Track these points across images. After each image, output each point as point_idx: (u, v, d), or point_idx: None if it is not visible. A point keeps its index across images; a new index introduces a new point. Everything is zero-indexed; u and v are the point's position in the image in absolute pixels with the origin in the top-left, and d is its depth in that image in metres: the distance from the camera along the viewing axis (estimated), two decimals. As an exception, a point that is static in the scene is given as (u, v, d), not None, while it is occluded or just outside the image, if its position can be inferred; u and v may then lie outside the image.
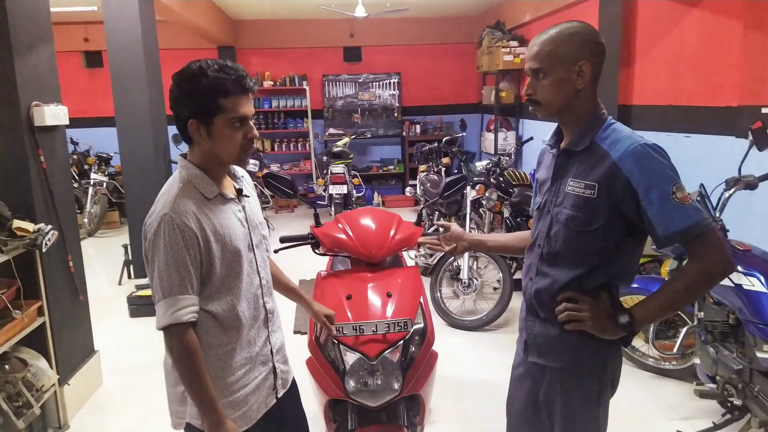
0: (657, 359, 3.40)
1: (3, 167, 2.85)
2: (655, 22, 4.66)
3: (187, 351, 1.50)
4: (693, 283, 1.45)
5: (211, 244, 1.53)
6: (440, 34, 9.22)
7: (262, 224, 1.75)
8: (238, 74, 1.51)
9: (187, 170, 1.58)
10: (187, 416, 1.63)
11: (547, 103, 1.56)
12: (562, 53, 1.50)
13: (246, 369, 1.66)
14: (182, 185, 1.55)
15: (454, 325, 4.27)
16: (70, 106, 3.41)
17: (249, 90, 1.54)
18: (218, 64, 1.50)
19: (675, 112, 4.38)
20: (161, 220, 1.49)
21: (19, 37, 2.84)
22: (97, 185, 7.38)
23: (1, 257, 2.55)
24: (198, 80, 1.48)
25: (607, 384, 1.65)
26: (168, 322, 1.48)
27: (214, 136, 1.53)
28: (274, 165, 9.15)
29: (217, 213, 1.57)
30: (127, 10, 4.92)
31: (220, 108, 1.50)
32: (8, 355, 2.68)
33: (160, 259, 1.49)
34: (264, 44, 9.10)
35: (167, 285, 1.49)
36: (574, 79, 1.51)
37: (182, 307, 1.49)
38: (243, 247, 1.62)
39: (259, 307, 1.70)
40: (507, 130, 7.80)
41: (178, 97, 1.52)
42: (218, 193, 1.58)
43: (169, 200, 1.51)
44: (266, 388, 1.73)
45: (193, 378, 1.51)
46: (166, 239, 1.47)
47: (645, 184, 1.42)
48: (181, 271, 1.48)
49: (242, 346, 1.64)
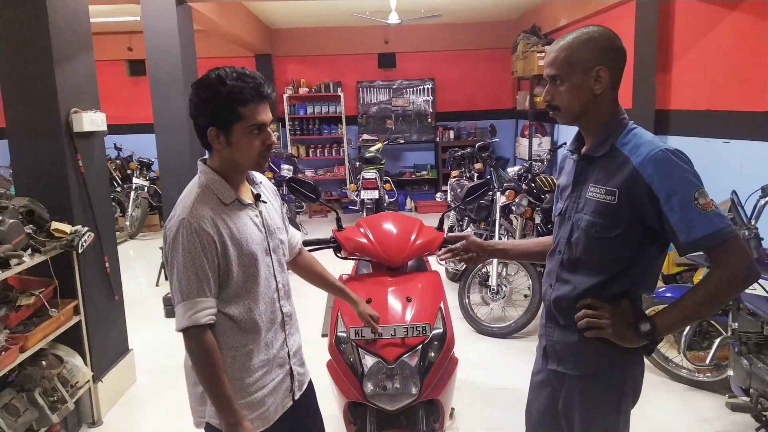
0: (691, 371, 3.30)
1: (43, 171, 2.98)
2: (692, 25, 4.54)
3: (205, 352, 1.54)
4: (716, 291, 1.41)
5: (228, 248, 1.56)
6: (474, 40, 9.18)
7: (279, 229, 1.78)
8: (256, 82, 1.53)
9: (205, 175, 1.61)
10: (206, 416, 1.67)
11: (565, 108, 1.55)
12: (578, 59, 1.49)
13: (264, 371, 1.69)
14: (200, 190, 1.59)
15: (482, 331, 4.24)
16: (114, 113, 3.55)
17: (267, 97, 1.57)
18: (236, 72, 1.53)
19: (713, 117, 4.25)
20: (180, 225, 1.53)
21: (60, 46, 2.97)
22: (138, 189, 7.62)
23: (39, 257, 2.67)
24: (217, 89, 1.51)
25: (627, 393, 1.61)
26: (187, 324, 1.53)
27: (232, 144, 1.56)
28: (309, 170, 9.26)
29: (234, 218, 1.60)
30: (165, 21, 5.08)
31: (238, 116, 1.52)
32: (45, 351, 2.79)
33: (179, 262, 1.53)
34: (300, 52, 9.24)
35: (186, 288, 1.53)
36: (592, 84, 1.49)
37: (200, 309, 1.53)
38: (259, 252, 1.65)
39: (276, 311, 1.73)
40: (542, 136, 7.71)
41: (198, 105, 1.55)
42: (235, 198, 1.62)
43: (187, 205, 1.55)
44: (283, 390, 1.76)
45: (211, 378, 1.55)
46: (185, 243, 1.52)
47: (666, 190, 1.40)
48: (199, 275, 1.52)
49: (260, 348, 1.67)
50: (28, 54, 2.89)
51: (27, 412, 2.52)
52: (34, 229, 2.74)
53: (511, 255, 2.07)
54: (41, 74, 2.91)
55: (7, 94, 2.94)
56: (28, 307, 2.66)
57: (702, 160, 4.33)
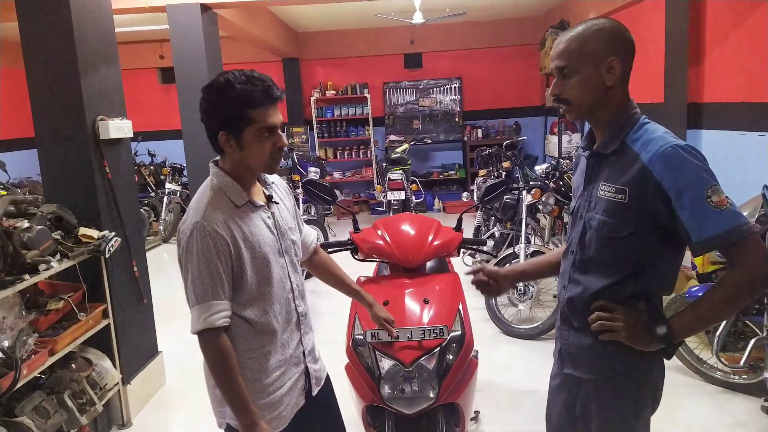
0: (726, 373, 3.18)
1: (70, 178, 3.06)
2: (724, 15, 4.39)
3: (220, 355, 1.55)
4: (734, 292, 1.34)
5: (241, 251, 1.57)
6: (501, 37, 9.08)
7: (291, 230, 1.78)
8: (265, 85, 1.53)
9: (218, 178, 1.62)
10: (226, 417, 1.69)
11: (575, 102, 1.49)
12: (589, 50, 1.43)
13: (281, 371, 1.70)
14: (213, 193, 1.59)
15: (509, 333, 4.17)
16: (148, 120, 3.62)
17: (277, 99, 1.57)
18: (245, 76, 1.53)
19: (747, 109, 4.09)
20: (193, 228, 1.54)
21: (85, 55, 3.04)
22: (171, 194, 7.79)
23: (67, 262, 2.73)
24: (226, 93, 1.51)
25: (645, 398, 1.55)
26: (201, 327, 1.54)
27: (244, 147, 1.56)
28: (337, 173, 9.30)
29: (247, 220, 1.61)
30: (191, 28, 5.18)
31: (248, 119, 1.52)
32: (74, 354, 2.86)
33: (193, 265, 1.54)
34: (327, 54, 9.29)
35: (200, 291, 1.54)
36: (604, 75, 1.44)
37: (215, 312, 1.54)
38: (272, 254, 1.65)
39: (291, 311, 1.74)
40: (572, 133, 7.57)
41: (208, 110, 1.56)
42: (248, 200, 1.62)
43: (200, 208, 1.57)
44: (298, 388, 1.78)
45: (227, 380, 1.56)
46: (199, 246, 1.52)
47: (677, 188, 1.34)
48: (213, 277, 1.53)
49: (276, 348, 1.69)
50: (54, 63, 2.98)
51: (56, 414, 2.59)
52: (62, 235, 2.81)
53: (533, 273, 1.99)
54: (68, 83, 2.99)
55: (36, 103, 3.02)
56: (57, 311, 2.73)
57: (736, 154, 4.20)
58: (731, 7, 4.28)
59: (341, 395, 2.04)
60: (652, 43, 5.20)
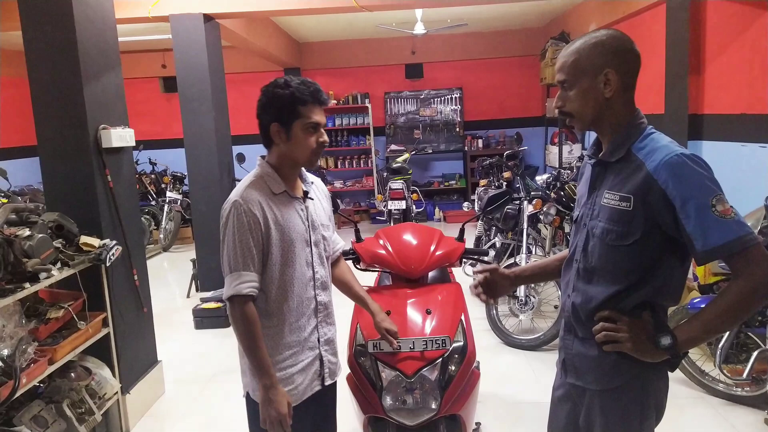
0: (729, 385, 3.16)
1: (72, 186, 3.06)
2: (725, 26, 4.41)
3: (246, 320, 1.73)
4: (737, 303, 1.33)
5: (271, 231, 1.77)
6: (502, 48, 9.12)
7: (324, 226, 1.95)
8: (316, 88, 1.78)
9: (261, 168, 1.85)
10: (246, 386, 1.88)
11: (577, 114, 1.51)
12: (585, 63, 1.46)
13: (294, 350, 1.85)
14: (254, 179, 1.82)
15: (510, 344, 4.15)
16: (149, 129, 3.63)
17: (323, 102, 1.80)
18: (300, 80, 1.78)
19: (749, 120, 4.10)
20: (232, 206, 1.75)
21: (88, 64, 3.05)
22: (171, 203, 7.78)
23: (67, 271, 2.73)
24: (282, 90, 1.75)
25: (650, 410, 1.53)
26: (231, 293, 1.73)
27: (291, 138, 1.78)
28: (338, 182, 9.31)
29: (281, 206, 1.81)
30: (194, 38, 5.20)
31: (298, 114, 1.75)
32: (74, 363, 2.85)
33: (228, 239, 1.74)
34: (328, 64, 9.34)
35: (233, 262, 1.74)
36: (601, 88, 1.45)
37: (244, 281, 1.73)
38: (299, 241, 1.83)
39: (311, 298, 1.89)
40: (572, 143, 7.58)
41: (265, 104, 1.78)
42: (284, 190, 1.82)
43: (240, 189, 1.79)
44: (312, 372, 1.90)
45: (251, 344, 1.73)
46: (234, 222, 1.73)
47: (681, 197, 1.34)
48: (244, 251, 1.73)
49: (291, 329, 1.84)
50: (57, 73, 2.99)
51: (55, 423, 2.57)
52: (63, 243, 2.81)
53: (533, 275, 1.98)
54: (70, 92, 3.00)
55: (38, 112, 3.03)
56: (57, 320, 2.72)
57: (737, 166, 4.20)
58: (732, 19, 4.30)
59: (342, 406, 2.02)
60: (653, 54, 5.22)
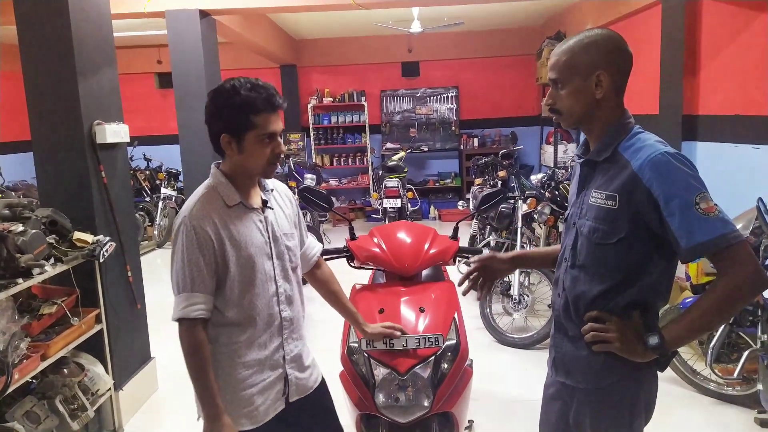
0: (719, 384, 3.18)
1: (66, 182, 3.05)
2: (720, 27, 4.43)
3: (193, 345, 1.62)
4: (722, 300, 1.34)
5: (225, 248, 1.63)
6: (499, 47, 9.13)
7: (288, 236, 1.81)
8: (269, 93, 1.61)
9: (214, 178, 1.70)
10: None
11: (566, 112, 1.52)
12: (578, 63, 1.47)
13: (254, 370, 1.73)
14: (206, 191, 1.68)
15: (504, 342, 4.17)
16: (144, 125, 3.62)
17: (278, 107, 1.64)
18: (250, 83, 1.60)
19: (742, 122, 4.12)
20: (181, 223, 1.63)
21: (83, 60, 3.04)
22: (166, 199, 7.77)
23: (61, 267, 2.72)
24: (231, 98, 1.59)
25: (639, 409, 1.55)
26: (178, 316, 1.62)
27: (244, 150, 1.62)
28: (333, 179, 9.30)
29: (236, 220, 1.67)
30: (190, 33, 5.18)
31: (251, 124, 1.59)
32: (67, 359, 2.84)
33: (178, 257, 1.63)
34: (324, 62, 9.33)
35: (182, 282, 1.62)
36: (593, 88, 1.46)
37: (192, 304, 1.61)
38: (259, 255, 1.70)
39: (274, 314, 1.76)
40: (567, 143, 7.60)
41: (213, 113, 1.63)
42: (239, 201, 1.68)
43: (190, 205, 1.66)
44: (274, 392, 1.79)
45: (196, 370, 1.63)
46: (183, 240, 1.61)
47: (665, 194, 1.35)
48: (194, 271, 1.61)
49: (251, 347, 1.72)
50: (52, 67, 2.97)
51: (47, 419, 2.57)
52: (56, 239, 2.80)
53: (532, 259, 2.02)
54: (65, 87, 2.99)
55: (33, 107, 3.02)
56: (50, 316, 2.71)
57: (731, 167, 4.22)
58: (727, 20, 4.32)
59: (335, 403, 2.02)
60: (648, 54, 5.23)
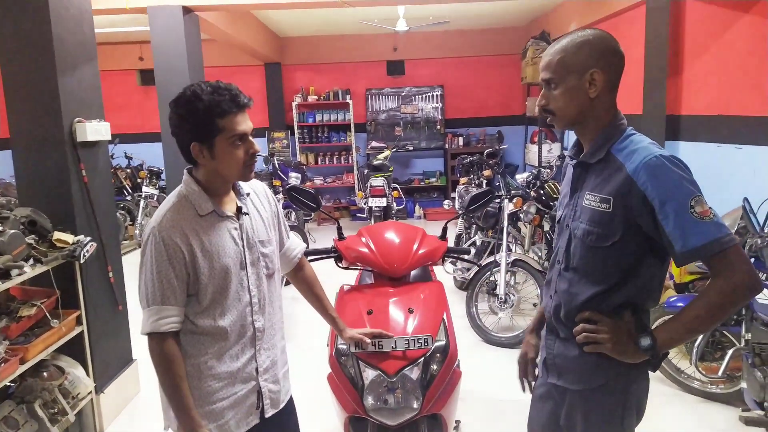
0: (703, 382, 3.21)
1: (46, 181, 2.98)
2: (704, 28, 4.48)
3: (165, 359, 1.57)
4: (716, 303, 1.34)
5: (197, 260, 1.57)
6: (484, 46, 9.16)
7: (264, 242, 1.75)
8: (232, 93, 1.54)
9: (186, 185, 1.64)
10: (170, 420, 1.68)
11: (560, 113, 1.51)
12: (571, 62, 1.46)
13: (225, 383, 1.68)
14: (177, 200, 1.61)
15: (490, 341, 4.17)
16: (126, 123, 3.54)
17: (245, 106, 1.58)
18: (211, 86, 1.54)
19: (725, 122, 4.17)
20: (150, 233, 1.57)
21: (64, 56, 2.97)
22: (148, 198, 7.66)
23: (40, 268, 2.65)
24: (194, 105, 1.52)
25: (631, 409, 1.55)
26: (149, 330, 1.57)
27: (216, 156, 1.57)
28: (317, 178, 9.25)
29: (208, 230, 1.61)
30: (172, 30, 5.11)
31: (219, 129, 1.53)
32: (46, 362, 2.78)
33: (146, 269, 1.57)
34: (309, 60, 9.27)
35: (151, 295, 1.56)
36: (586, 88, 1.45)
37: (163, 317, 1.56)
38: (233, 265, 1.64)
39: (247, 325, 1.70)
40: (552, 142, 7.64)
41: (178, 123, 1.56)
42: (212, 210, 1.62)
43: (160, 215, 1.59)
44: (247, 405, 1.73)
45: (170, 384, 1.58)
46: (152, 251, 1.55)
47: (660, 198, 1.34)
48: (163, 283, 1.55)
49: (222, 360, 1.66)
50: (31, 64, 2.90)
51: (27, 424, 2.50)
52: (36, 240, 2.73)
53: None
54: (45, 84, 2.91)
55: (11, 104, 2.94)
56: (29, 318, 2.65)
57: (713, 167, 4.27)
58: (711, 21, 4.36)
59: (322, 406, 1.99)
60: (632, 55, 5.27)
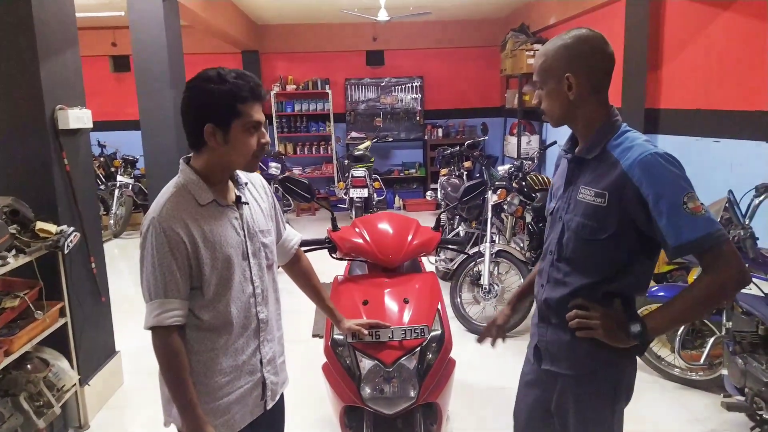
0: (683, 369, 3.31)
1: (27, 170, 2.90)
2: (683, 24, 4.56)
3: (169, 354, 1.53)
4: (706, 295, 1.41)
5: (199, 250, 1.53)
6: (463, 38, 9.17)
7: (264, 232, 1.72)
8: (255, 82, 1.54)
9: (184, 175, 1.59)
10: (172, 416, 1.67)
11: (549, 113, 1.59)
12: (551, 66, 1.52)
13: (231, 377, 1.65)
14: (176, 190, 1.56)
15: (474, 331, 4.21)
16: (98, 110, 3.46)
17: (263, 98, 1.57)
18: (235, 72, 1.52)
19: (703, 116, 4.27)
20: (150, 224, 1.52)
21: (45, 41, 2.88)
22: (123, 187, 7.51)
23: (23, 258, 2.59)
24: (217, 86, 1.49)
25: (621, 392, 1.62)
26: (152, 324, 1.52)
27: (229, 141, 1.52)
28: (296, 168, 9.19)
29: (210, 219, 1.57)
30: (152, 16, 4.99)
31: (237, 113, 1.50)
32: (30, 355, 2.72)
33: (148, 262, 1.52)
34: (288, 48, 9.16)
35: (153, 288, 1.52)
36: (565, 91, 1.51)
37: (167, 310, 1.51)
38: (235, 255, 1.61)
39: (251, 317, 1.67)
40: (530, 134, 7.71)
41: (195, 102, 1.52)
42: (212, 199, 1.58)
43: (159, 205, 1.54)
44: (253, 398, 1.71)
45: (175, 380, 1.54)
46: (153, 243, 1.50)
47: (654, 194, 1.39)
48: (166, 276, 1.51)
49: (228, 353, 1.63)
50: (12, 49, 2.80)
51: (12, 417, 2.45)
52: (18, 230, 2.66)
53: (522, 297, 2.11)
54: (26, 70, 2.82)
55: (-10, 90, 2.85)
56: (12, 310, 2.58)
57: (692, 160, 4.36)
58: (690, 16, 4.44)
59: (318, 395, 1.99)
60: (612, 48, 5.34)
